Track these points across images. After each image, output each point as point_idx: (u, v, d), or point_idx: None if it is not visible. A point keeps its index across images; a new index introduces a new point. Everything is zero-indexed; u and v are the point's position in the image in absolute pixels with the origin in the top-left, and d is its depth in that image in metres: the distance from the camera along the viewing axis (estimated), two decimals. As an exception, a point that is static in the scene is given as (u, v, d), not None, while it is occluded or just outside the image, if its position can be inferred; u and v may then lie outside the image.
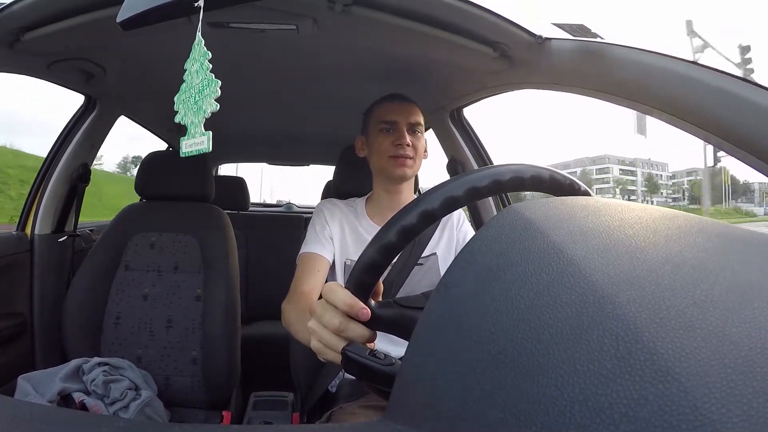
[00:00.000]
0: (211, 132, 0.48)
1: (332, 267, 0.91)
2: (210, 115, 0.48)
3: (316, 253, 0.88)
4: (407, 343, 0.28)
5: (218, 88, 0.48)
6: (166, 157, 1.25)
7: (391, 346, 0.83)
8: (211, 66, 0.49)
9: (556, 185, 0.42)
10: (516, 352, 0.19)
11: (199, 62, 0.50)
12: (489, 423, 0.18)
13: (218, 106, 0.48)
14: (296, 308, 0.77)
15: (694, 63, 0.56)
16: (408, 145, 0.89)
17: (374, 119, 0.94)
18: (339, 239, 0.92)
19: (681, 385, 0.14)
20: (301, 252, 0.91)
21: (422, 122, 0.94)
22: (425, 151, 0.98)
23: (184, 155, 0.49)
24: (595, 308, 0.18)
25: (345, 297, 0.40)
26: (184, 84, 0.51)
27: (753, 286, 0.17)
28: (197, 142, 0.48)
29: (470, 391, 0.20)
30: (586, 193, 0.43)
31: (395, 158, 0.89)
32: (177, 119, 0.51)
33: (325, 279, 0.88)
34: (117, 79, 1.12)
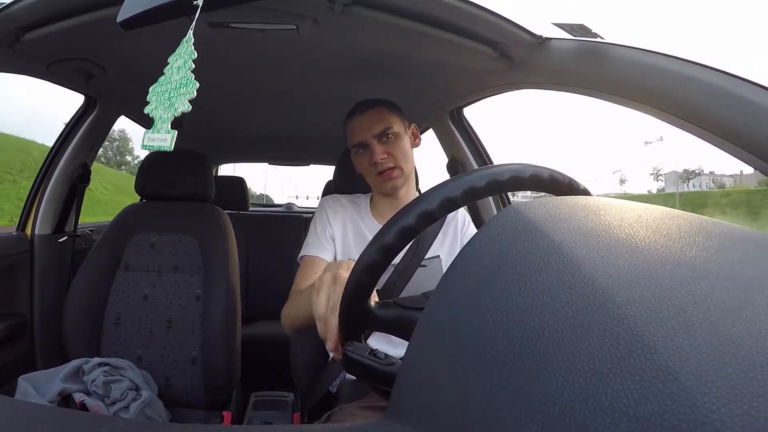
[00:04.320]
0: (176, 132, 0.47)
1: None
2: (180, 114, 0.47)
3: (315, 256, 0.88)
4: (407, 343, 0.28)
5: (195, 90, 0.47)
6: (167, 157, 1.25)
7: (390, 346, 0.83)
8: (193, 66, 0.48)
9: (555, 184, 0.42)
10: (516, 352, 0.19)
11: (183, 59, 0.49)
12: (489, 423, 0.18)
13: (190, 107, 0.47)
14: (290, 302, 0.79)
15: (694, 63, 0.56)
16: (384, 158, 0.86)
17: (348, 141, 0.92)
18: (341, 238, 0.91)
19: (681, 384, 0.14)
20: (301, 254, 0.91)
21: (392, 125, 0.88)
22: (416, 138, 0.95)
23: (144, 147, 0.48)
24: (595, 308, 0.18)
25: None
26: (162, 77, 0.50)
27: (753, 286, 0.17)
28: (161, 138, 0.47)
29: (470, 391, 0.20)
30: (586, 192, 0.43)
31: (379, 175, 0.87)
32: (147, 110, 0.50)
33: None
34: (117, 79, 1.12)
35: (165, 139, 0.47)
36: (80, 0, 0.73)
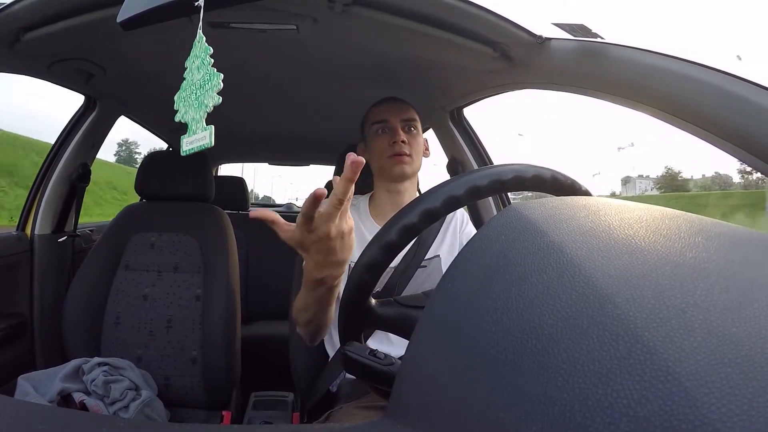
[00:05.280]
0: (213, 126, 0.47)
1: None
2: (212, 109, 0.47)
3: None
4: (407, 342, 0.28)
5: (221, 81, 0.47)
6: (166, 157, 1.25)
7: (390, 346, 0.83)
8: (212, 61, 0.48)
9: (557, 185, 0.42)
10: (516, 352, 0.19)
11: (200, 58, 0.49)
12: (489, 423, 0.18)
13: (221, 99, 0.47)
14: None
15: (694, 63, 0.56)
16: (404, 142, 0.89)
17: (369, 122, 0.95)
18: None
19: (681, 384, 0.14)
20: None
21: (417, 119, 0.94)
22: (427, 149, 0.98)
23: (185, 153, 0.48)
24: (595, 308, 0.18)
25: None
26: (184, 82, 0.50)
27: (753, 286, 0.17)
28: (199, 138, 0.47)
29: (470, 391, 0.20)
30: (587, 193, 0.43)
31: (393, 157, 0.89)
32: (177, 118, 0.50)
33: None
34: (117, 79, 1.12)
35: (204, 137, 0.47)
36: (80, 0, 0.73)
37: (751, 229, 0.23)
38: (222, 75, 0.47)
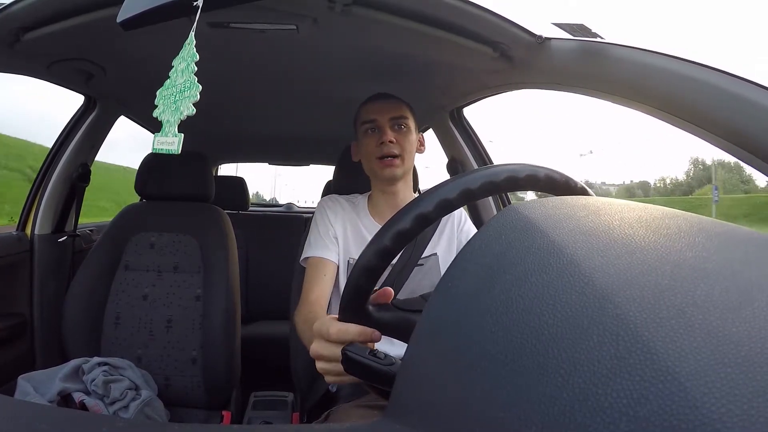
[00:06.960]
0: (183, 135, 0.47)
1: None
2: (185, 117, 0.47)
3: (321, 257, 0.88)
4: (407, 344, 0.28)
5: (198, 93, 0.48)
6: (167, 157, 1.25)
7: (390, 346, 0.83)
8: (196, 69, 0.49)
9: (551, 183, 0.42)
10: (516, 352, 0.19)
11: (186, 62, 0.50)
12: (489, 423, 0.18)
13: (195, 110, 0.47)
14: (306, 318, 0.77)
15: (694, 63, 0.56)
16: (392, 142, 0.88)
17: (359, 122, 0.94)
18: (342, 238, 0.91)
19: (681, 384, 0.14)
20: (305, 255, 0.90)
21: (408, 116, 0.92)
22: (422, 144, 0.97)
23: (154, 151, 0.49)
24: (595, 308, 0.18)
25: (356, 329, 0.42)
26: (168, 80, 0.51)
27: (753, 286, 0.17)
28: (168, 141, 0.48)
29: (470, 391, 0.20)
30: (583, 191, 0.43)
31: (381, 159, 0.88)
32: (155, 113, 0.50)
33: (333, 282, 0.88)
34: (117, 79, 1.12)
35: (172, 142, 0.47)
36: (80, 0, 0.73)
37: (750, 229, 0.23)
38: (201, 87, 0.48)
